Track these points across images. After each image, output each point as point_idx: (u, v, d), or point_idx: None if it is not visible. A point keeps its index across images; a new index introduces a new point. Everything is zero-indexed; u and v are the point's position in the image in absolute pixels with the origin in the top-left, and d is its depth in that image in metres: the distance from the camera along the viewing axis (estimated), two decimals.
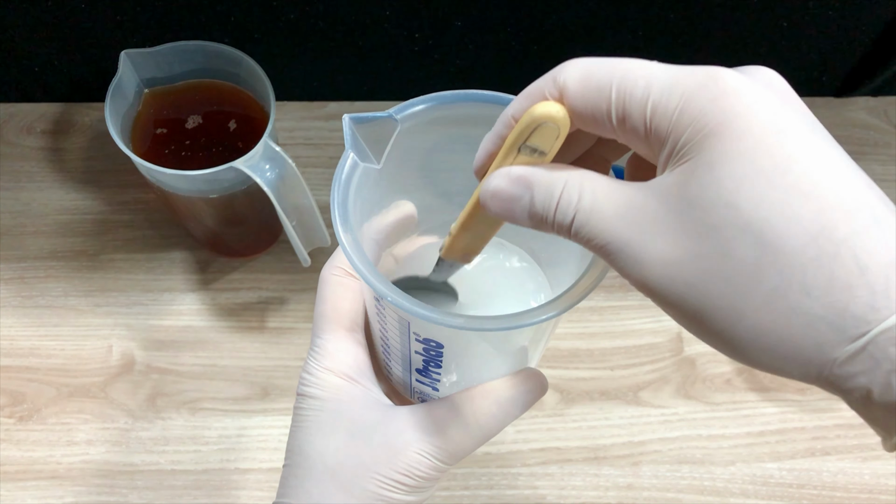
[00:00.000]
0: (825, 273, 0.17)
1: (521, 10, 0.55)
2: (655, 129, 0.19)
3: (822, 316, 0.17)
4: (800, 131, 0.18)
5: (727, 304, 0.18)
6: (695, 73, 0.19)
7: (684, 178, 0.19)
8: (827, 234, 0.17)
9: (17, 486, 0.49)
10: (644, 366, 0.55)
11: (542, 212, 0.21)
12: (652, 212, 0.19)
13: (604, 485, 0.51)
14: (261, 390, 0.53)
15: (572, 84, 0.20)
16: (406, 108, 0.27)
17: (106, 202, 0.59)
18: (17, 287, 0.56)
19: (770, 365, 0.19)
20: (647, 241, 0.19)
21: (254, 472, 0.50)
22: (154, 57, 0.48)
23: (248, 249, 0.58)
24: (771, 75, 0.20)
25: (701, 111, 0.18)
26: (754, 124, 0.18)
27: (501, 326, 0.24)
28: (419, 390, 0.32)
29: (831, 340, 0.18)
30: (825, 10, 0.56)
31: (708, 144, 0.18)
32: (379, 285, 0.24)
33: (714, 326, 0.19)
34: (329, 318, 0.31)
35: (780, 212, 0.18)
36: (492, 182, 0.22)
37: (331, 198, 0.26)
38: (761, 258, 0.18)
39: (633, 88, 0.20)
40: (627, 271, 0.20)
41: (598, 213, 0.20)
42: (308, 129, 0.63)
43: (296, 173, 0.45)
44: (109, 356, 0.54)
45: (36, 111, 0.63)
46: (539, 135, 0.21)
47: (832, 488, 0.51)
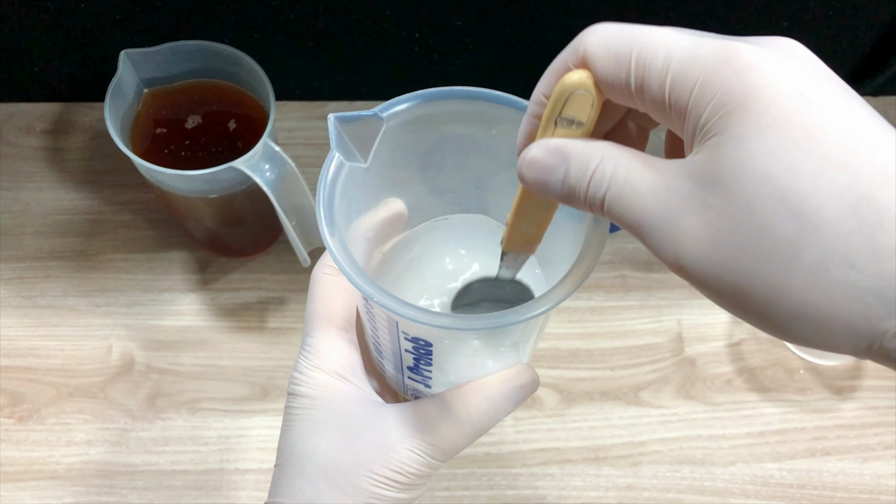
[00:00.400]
0: (868, 243, 0.17)
1: (521, 10, 0.55)
2: (675, 102, 0.19)
3: (868, 287, 0.17)
4: (830, 99, 0.18)
5: (767, 281, 0.18)
6: (715, 48, 0.18)
7: (713, 155, 0.18)
8: (867, 203, 0.17)
9: (16, 487, 0.49)
10: (644, 366, 0.55)
11: (576, 183, 0.21)
12: (686, 189, 0.19)
13: (604, 485, 0.51)
14: (261, 390, 0.53)
15: (593, 53, 0.20)
16: (391, 107, 0.27)
17: (106, 202, 0.59)
18: (17, 287, 0.56)
19: (816, 341, 0.18)
20: (680, 219, 0.19)
21: (254, 473, 0.50)
22: (154, 57, 0.48)
23: (248, 249, 0.58)
24: (793, 45, 0.19)
25: (723, 84, 0.18)
26: (781, 95, 0.18)
27: (487, 325, 0.24)
28: (412, 387, 0.32)
29: (880, 313, 0.17)
30: (825, 10, 0.56)
31: (734, 119, 0.18)
32: (365, 285, 0.24)
33: (755, 305, 0.18)
34: (320, 317, 0.31)
35: (816, 183, 0.17)
36: (529, 152, 0.22)
37: (316, 199, 0.26)
38: (801, 231, 0.17)
39: (653, 60, 0.19)
40: (661, 251, 0.19)
41: (632, 188, 0.20)
42: (308, 129, 0.63)
43: (295, 173, 0.45)
44: (109, 356, 0.54)
45: (36, 111, 0.63)
46: (572, 105, 0.21)
47: (832, 489, 0.51)
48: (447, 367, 0.29)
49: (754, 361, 0.55)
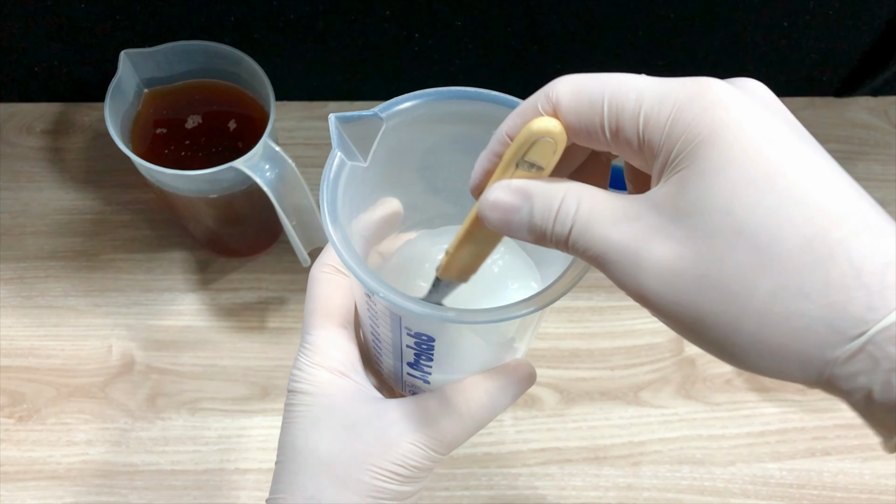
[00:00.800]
0: (821, 275, 0.18)
1: (521, 10, 0.55)
2: (648, 139, 0.20)
3: (820, 318, 0.18)
4: (788, 140, 0.19)
5: (725, 310, 0.19)
6: (685, 85, 0.19)
7: (678, 188, 0.19)
8: (821, 238, 0.18)
9: (16, 486, 0.49)
10: (644, 366, 0.55)
11: (541, 223, 0.21)
12: (648, 221, 0.20)
13: (604, 485, 0.51)
14: (261, 390, 0.53)
15: (565, 99, 0.21)
16: (391, 107, 0.27)
17: (106, 202, 0.59)
18: (17, 287, 0.56)
19: (770, 369, 0.19)
20: (642, 249, 0.20)
21: (254, 472, 0.50)
22: (154, 57, 0.48)
23: (248, 249, 0.58)
24: (757, 86, 0.21)
25: (693, 121, 0.19)
26: (744, 133, 0.18)
27: (491, 319, 0.24)
28: (410, 383, 0.32)
29: (830, 341, 0.18)
30: (825, 10, 0.56)
31: (700, 154, 0.19)
32: (370, 281, 0.24)
33: (713, 334, 0.19)
34: (319, 315, 0.31)
35: (774, 217, 0.18)
36: (492, 193, 0.22)
37: (320, 196, 0.26)
38: (757, 263, 0.18)
39: (625, 101, 0.20)
40: (624, 281, 0.20)
41: (595, 222, 0.20)
42: (308, 129, 0.63)
43: (295, 173, 0.45)
44: (109, 356, 0.54)
45: (36, 111, 0.63)
46: (537, 150, 0.21)
47: (832, 488, 0.51)
48: (447, 363, 0.30)
49: None
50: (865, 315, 0.17)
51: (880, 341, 0.17)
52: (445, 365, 0.30)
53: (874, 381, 0.18)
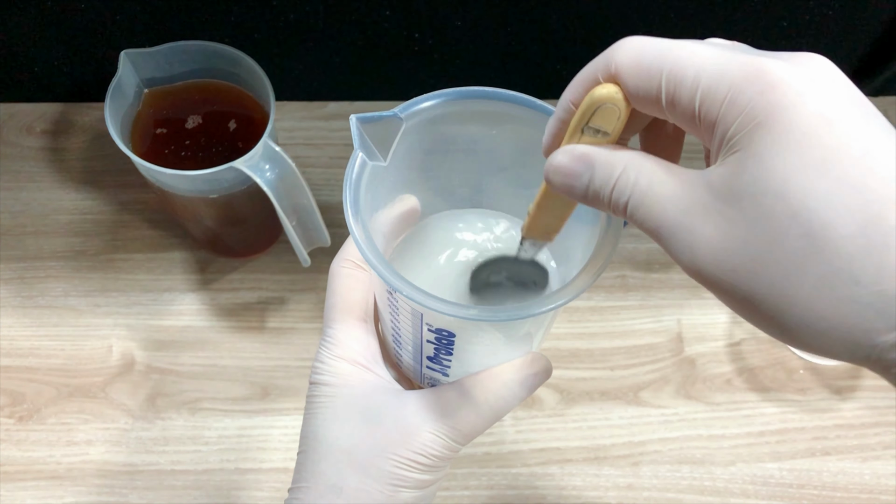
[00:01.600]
0: (874, 262, 0.18)
1: (521, 10, 0.55)
2: (705, 117, 0.20)
3: (870, 304, 0.18)
4: (850, 120, 0.19)
5: (777, 291, 0.19)
6: (744, 65, 0.19)
7: (734, 169, 0.19)
8: (875, 224, 0.18)
9: (17, 486, 0.49)
10: (644, 366, 0.55)
11: (601, 190, 0.22)
12: (704, 199, 0.20)
13: (604, 485, 0.51)
14: (261, 390, 0.53)
15: (624, 68, 0.21)
16: (410, 107, 0.28)
17: (106, 202, 0.59)
18: (17, 287, 0.56)
19: (820, 347, 0.19)
20: (698, 227, 0.20)
21: (254, 472, 0.50)
22: (154, 57, 0.48)
23: (248, 249, 0.58)
24: (821, 62, 0.20)
25: (749, 102, 0.19)
26: (802, 115, 0.18)
27: (514, 316, 0.25)
28: (429, 376, 0.33)
29: (879, 327, 0.18)
30: (825, 10, 0.56)
31: (757, 136, 0.19)
32: (395, 280, 0.25)
33: (765, 312, 0.19)
34: (340, 309, 0.32)
35: (827, 203, 0.18)
36: (555, 158, 0.23)
37: (343, 197, 0.26)
38: (810, 248, 0.18)
39: (683, 77, 0.20)
40: (679, 256, 0.21)
41: (653, 196, 0.21)
42: (308, 129, 0.63)
43: (296, 173, 0.45)
44: (109, 356, 0.54)
45: (36, 111, 0.63)
46: (600, 116, 0.22)
47: (832, 488, 0.51)
48: (466, 357, 0.30)
49: (754, 361, 0.55)
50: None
51: None
52: (464, 359, 0.30)
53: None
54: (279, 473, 0.50)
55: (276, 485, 0.50)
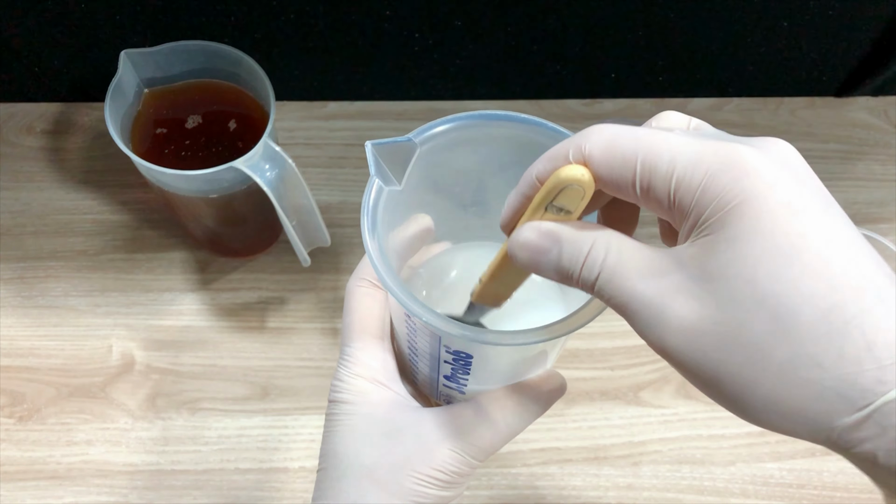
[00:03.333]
0: (836, 347, 0.19)
1: (521, 10, 0.55)
2: (679, 202, 0.20)
3: (832, 386, 0.19)
4: (814, 211, 0.19)
5: (742, 371, 0.20)
6: (718, 152, 0.20)
7: (706, 252, 0.20)
8: (837, 312, 0.19)
9: (16, 486, 0.49)
10: (644, 366, 0.55)
11: (569, 267, 0.22)
12: (673, 278, 0.20)
13: (604, 485, 0.51)
14: (261, 390, 0.53)
15: (597, 153, 0.21)
16: (424, 131, 0.28)
17: (106, 202, 0.59)
18: (17, 287, 0.56)
19: (782, 428, 0.20)
20: (666, 305, 0.20)
21: (254, 472, 0.50)
22: (154, 57, 0.48)
23: (248, 249, 0.58)
24: (787, 151, 0.21)
25: (724, 189, 0.20)
26: (772, 204, 0.19)
27: (529, 341, 0.25)
28: (446, 393, 0.33)
29: (840, 409, 0.19)
30: (825, 10, 0.56)
31: (729, 221, 0.19)
32: (416, 307, 0.25)
33: (729, 392, 0.20)
34: (357, 328, 0.33)
35: (794, 289, 0.19)
36: (521, 234, 0.23)
37: (361, 224, 0.27)
38: (776, 331, 0.19)
39: (658, 163, 0.21)
40: (646, 333, 0.21)
41: (622, 273, 0.21)
42: (308, 129, 0.63)
43: (296, 173, 0.45)
44: (109, 356, 0.54)
45: (36, 111, 0.63)
46: (565, 196, 0.22)
47: (832, 488, 0.51)
48: (482, 375, 0.31)
49: None
50: (875, 387, 0.18)
51: (887, 411, 0.18)
52: (481, 377, 0.31)
53: (879, 447, 0.19)
54: (279, 473, 0.50)
55: (276, 485, 0.50)
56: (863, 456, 0.19)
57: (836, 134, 0.64)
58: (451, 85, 0.63)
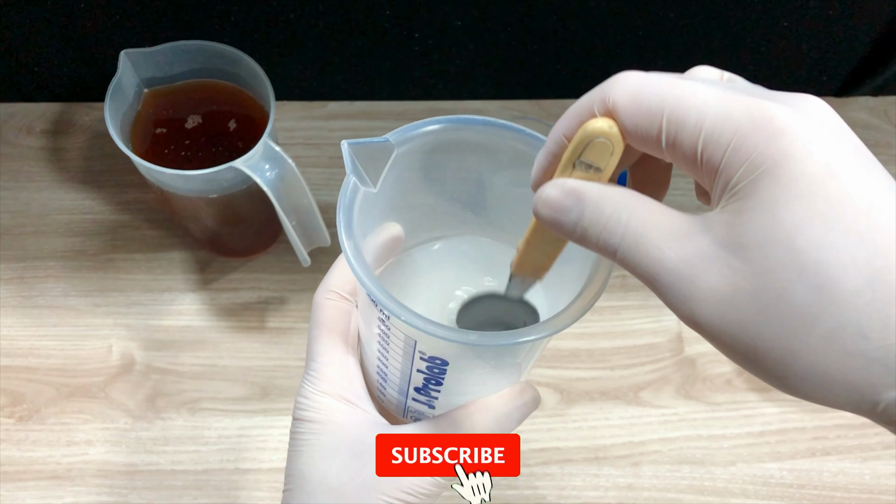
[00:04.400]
0: (881, 316, 0.18)
1: (521, 10, 0.55)
2: (708, 161, 0.19)
3: (877, 358, 0.18)
4: (855, 172, 0.18)
5: (781, 344, 0.19)
6: (749, 109, 0.19)
7: (739, 218, 0.19)
8: (882, 278, 0.18)
9: (16, 486, 0.49)
10: (644, 366, 0.55)
11: (590, 228, 0.21)
12: (705, 247, 0.19)
13: (604, 485, 0.51)
14: (261, 390, 0.53)
15: (622, 105, 0.20)
16: (402, 133, 0.28)
17: (106, 202, 0.59)
18: (17, 287, 0.56)
19: (824, 400, 0.19)
20: (697, 274, 0.19)
21: (254, 472, 0.50)
22: (154, 57, 0.48)
23: (248, 249, 0.58)
24: (822, 108, 0.20)
25: (755, 149, 0.18)
26: (809, 166, 0.18)
27: (511, 341, 0.25)
28: (414, 409, 0.32)
29: (886, 381, 0.18)
30: (825, 10, 0.56)
31: (763, 185, 0.18)
32: (396, 307, 0.24)
33: (767, 364, 0.19)
34: (324, 342, 0.31)
35: (836, 255, 0.18)
36: (545, 190, 0.22)
37: (337, 222, 0.26)
38: (817, 301, 0.18)
39: (685, 118, 0.19)
40: (675, 304, 0.20)
41: (647, 240, 0.20)
42: (308, 129, 0.63)
43: (295, 173, 0.45)
44: (109, 356, 0.54)
45: (36, 111, 0.63)
46: (592, 151, 0.21)
47: (832, 488, 0.51)
48: (455, 387, 0.30)
49: None
50: None
51: None
52: (453, 389, 0.30)
53: None
54: (279, 473, 0.50)
55: (275, 485, 0.50)
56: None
57: None
58: (451, 85, 0.63)
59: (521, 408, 0.31)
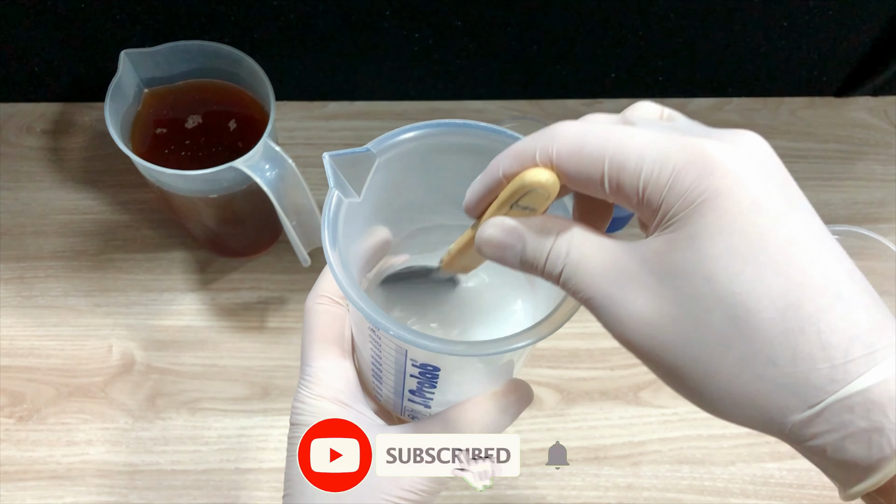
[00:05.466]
0: (790, 346, 0.19)
1: (521, 10, 0.55)
2: (647, 200, 0.20)
3: (785, 384, 0.19)
4: (778, 209, 0.20)
5: (699, 367, 0.20)
6: (684, 148, 0.20)
7: (668, 248, 0.20)
8: (794, 311, 0.19)
9: (17, 486, 0.49)
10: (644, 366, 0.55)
11: (533, 261, 0.23)
12: (635, 273, 0.21)
13: (604, 485, 0.51)
14: (261, 390, 0.53)
15: (565, 155, 0.21)
16: (384, 141, 0.28)
17: (106, 202, 0.59)
18: (17, 287, 0.56)
19: (738, 419, 0.21)
20: (628, 300, 0.21)
21: (253, 472, 0.50)
22: (154, 57, 0.48)
23: (248, 249, 0.58)
24: (756, 145, 0.21)
25: (689, 187, 0.20)
26: (735, 203, 0.19)
27: (501, 349, 0.25)
28: (411, 409, 0.33)
29: (793, 405, 0.19)
30: (825, 10, 0.56)
31: (693, 219, 0.20)
32: (382, 321, 0.25)
33: (688, 384, 0.21)
34: (318, 347, 0.32)
35: (752, 288, 0.19)
36: (486, 230, 0.23)
37: (322, 237, 0.26)
38: (733, 329, 0.19)
39: (626, 163, 0.20)
40: (608, 326, 0.21)
41: (585, 268, 0.21)
42: (308, 129, 0.63)
43: (295, 173, 0.45)
44: (109, 356, 0.54)
45: (36, 111, 0.63)
46: (530, 197, 0.22)
47: (832, 488, 0.51)
48: (449, 388, 0.30)
49: None
50: (826, 386, 0.19)
51: (837, 409, 0.19)
52: (447, 390, 0.30)
53: (828, 442, 0.20)
54: (279, 473, 0.50)
55: (275, 485, 0.50)
56: (814, 450, 0.20)
57: (836, 134, 0.64)
58: (451, 85, 0.63)
59: (515, 404, 0.31)
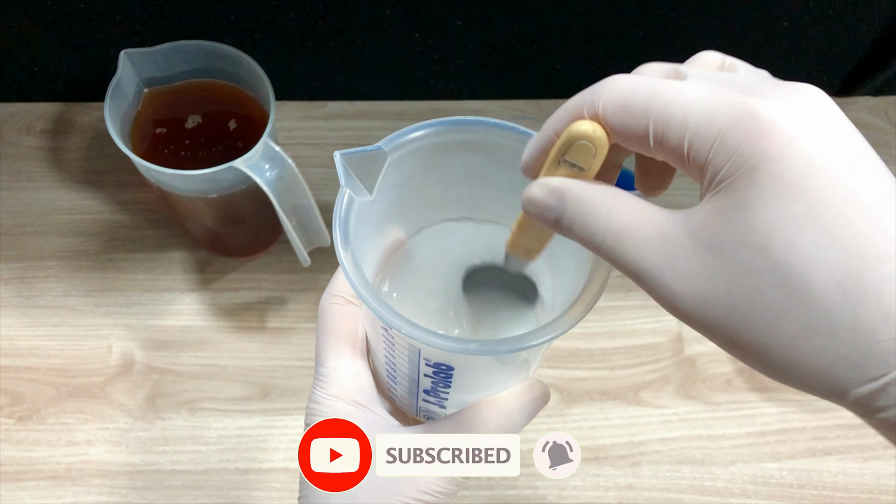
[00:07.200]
0: (850, 317, 0.18)
1: (521, 10, 0.55)
2: (693, 158, 0.20)
3: (845, 356, 0.18)
4: (837, 171, 0.18)
5: (757, 338, 0.19)
6: (732, 108, 0.19)
7: (717, 216, 0.19)
8: (854, 280, 0.18)
9: (16, 486, 0.49)
10: (644, 366, 0.55)
11: (572, 225, 0.22)
12: (683, 244, 0.20)
13: (604, 485, 0.51)
14: (261, 390, 0.53)
15: (611, 108, 0.21)
16: (395, 139, 0.28)
17: (106, 202, 0.59)
18: (17, 287, 0.56)
19: (801, 387, 0.20)
20: (677, 272, 0.20)
21: (253, 472, 0.50)
22: (154, 57, 0.48)
23: (248, 249, 0.58)
24: (815, 101, 0.20)
25: (737, 149, 0.19)
26: (789, 167, 0.18)
27: (514, 348, 0.25)
28: (425, 409, 0.33)
29: (854, 378, 0.18)
30: (825, 10, 0.56)
31: (742, 185, 0.19)
32: (394, 319, 0.25)
33: (747, 353, 0.20)
34: (332, 347, 0.32)
35: (809, 257, 0.18)
36: (531, 189, 0.23)
37: (333, 236, 0.26)
38: (788, 300, 0.18)
39: (670, 121, 0.20)
40: (658, 297, 0.21)
41: (628, 236, 0.21)
42: (308, 129, 0.63)
43: (295, 173, 0.45)
44: (109, 356, 0.54)
45: (36, 111, 0.63)
46: (576, 151, 0.22)
47: (833, 488, 0.51)
48: (464, 388, 0.30)
49: None
50: (889, 358, 0.18)
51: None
52: (462, 390, 0.30)
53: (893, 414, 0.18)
54: (279, 473, 0.50)
55: (275, 485, 0.50)
56: (880, 422, 0.19)
57: None
58: (451, 85, 0.63)
59: (531, 403, 0.31)
